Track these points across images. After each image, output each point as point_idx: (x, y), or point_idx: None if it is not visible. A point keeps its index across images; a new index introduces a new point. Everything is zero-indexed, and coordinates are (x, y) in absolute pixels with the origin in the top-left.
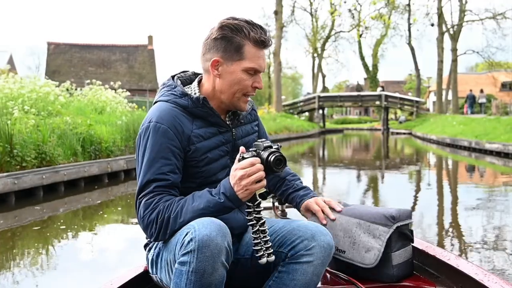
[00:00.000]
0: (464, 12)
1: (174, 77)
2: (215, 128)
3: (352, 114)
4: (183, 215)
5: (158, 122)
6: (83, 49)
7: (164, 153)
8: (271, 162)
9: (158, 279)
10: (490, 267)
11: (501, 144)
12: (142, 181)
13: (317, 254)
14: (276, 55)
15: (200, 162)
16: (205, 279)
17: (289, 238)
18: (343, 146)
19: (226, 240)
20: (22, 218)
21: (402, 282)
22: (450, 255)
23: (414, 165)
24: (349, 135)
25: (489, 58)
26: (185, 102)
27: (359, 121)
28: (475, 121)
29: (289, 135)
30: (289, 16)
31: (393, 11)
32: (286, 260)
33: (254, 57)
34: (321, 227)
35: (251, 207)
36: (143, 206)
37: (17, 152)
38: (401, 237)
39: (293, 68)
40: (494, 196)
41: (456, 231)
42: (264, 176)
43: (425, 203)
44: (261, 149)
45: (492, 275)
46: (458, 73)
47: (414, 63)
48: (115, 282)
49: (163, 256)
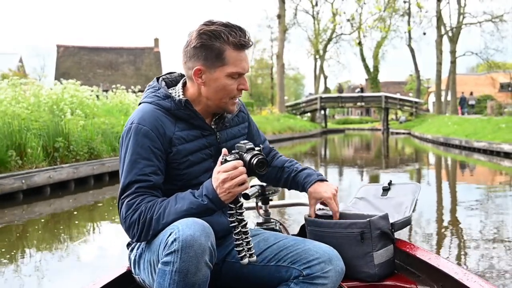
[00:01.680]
0: (463, 14)
1: (159, 78)
2: (198, 131)
3: (354, 115)
4: (165, 217)
5: (140, 123)
6: (92, 52)
7: (146, 154)
8: (253, 164)
9: (140, 279)
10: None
11: (487, 142)
12: (124, 182)
13: (331, 278)
14: (279, 58)
15: (181, 165)
16: (188, 279)
17: (305, 257)
18: (344, 145)
19: (209, 240)
20: (83, 201)
21: (383, 281)
22: (430, 254)
23: (410, 161)
24: (350, 135)
25: (487, 59)
26: (168, 104)
27: (360, 121)
28: (468, 121)
29: (292, 134)
30: (291, 19)
31: (394, 14)
32: (301, 278)
33: (236, 61)
34: (336, 252)
35: (233, 208)
36: (125, 206)
37: (73, 148)
38: (383, 237)
39: (295, 69)
40: (476, 191)
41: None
42: (245, 179)
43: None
44: (243, 151)
45: (471, 274)
46: (458, 74)
47: (414, 65)
48: (98, 282)
49: (146, 257)
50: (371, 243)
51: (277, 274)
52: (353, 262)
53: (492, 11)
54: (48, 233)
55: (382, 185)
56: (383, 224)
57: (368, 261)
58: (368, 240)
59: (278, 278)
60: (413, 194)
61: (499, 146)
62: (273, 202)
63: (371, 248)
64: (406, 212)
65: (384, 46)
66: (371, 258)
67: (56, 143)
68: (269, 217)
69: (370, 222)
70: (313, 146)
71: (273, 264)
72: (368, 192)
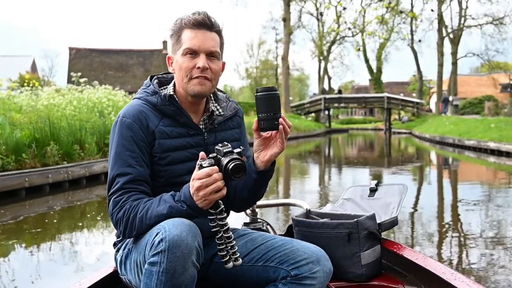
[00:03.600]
0: (464, 17)
1: (153, 77)
2: (184, 129)
3: (358, 115)
4: (148, 218)
5: (125, 116)
6: (103, 54)
7: (130, 146)
8: (229, 170)
9: (127, 280)
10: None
11: (476, 140)
12: (110, 174)
13: (319, 279)
14: (284, 60)
15: (161, 160)
16: (175, 279)
17: (293, 257)
18: (346, 144)
19: (196, 240)
20: None
21: (371, 281)
22: (418, 254)
23: (409, 158)
24: (353, 135)
25: (488, 60)
26: (155, 99)
27: (364, 121)
28: (464, 121)
29: (298, 134)
30: (296, 22)
31: (396, 16)
32: (289, 278)
33: (189, 38)
34: (324, 252)
35: (213, 214)
36: (112, 203)
37: None
38: (370, 237)
39: (300, 70)
40: (466, 185)
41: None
42: (223, 185)
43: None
44: (221, 155)
45: (459, 274)
46: (460, 75)
47: (417, 66)
48: (84, 283)
49: (133, 257)
50: (358, 243)
51: (264, 275)
52: (341, 262)
53: (493, 13)
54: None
55: (369, 186)
56: (370, 224)
57: (356, 261)
58: (356, 241)
59: (266, 279)
60: (400, 194)
61: (486, 144)
62: (260, 202)
63: (358, 249)
64: (393, 213)
65: (387, 48)
66: (358, 258)
67: (106, 140)
68: (256, 217)
69: (357, 222)
70: (317, 145)
71: (260, 264)
72: (355, 193)
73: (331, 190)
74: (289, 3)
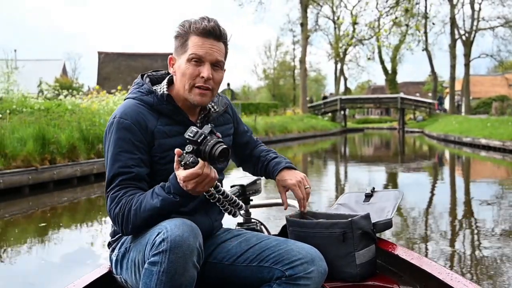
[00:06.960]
0: (477, 19)
1: (144, 75)
2: (181, 127)
3: (374, 114)
4: (142, 211)
5: (122, 117)
6: (129, 58)
7: (128, 147)
8: (215, 155)
9: (122, 279)
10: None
11: (471, 138)
12: (108, 175)
13: (314, 279)
14: (302, 62)
15: (162, 159)
16: (176, 280)
17: (288, 258)
18: (360, 142)
19: (198, 241)
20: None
21: (365, 281)
22: (413, 254)
23: (415, 153)
24: (368, 134)
25: (501, 61)
26: (151, 99)
27: (379, 120)
28: (468, 121)
29: (315, 133)
30: (313, 25)
31: (411, 18)
32: (283, 279)
33: (195, 45)
34: (319, 252)
35: (210, 190)
36: (109, 200)
37: None
38: (364, 237)
39: (316, 71)
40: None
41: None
42: (215, 174)
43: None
44: (198, 142)
45: (455, 274)
46: (475, 75)
47: (431, 67)
48: (78, 283)
49: (130, 256)
50: (353, 243)
51: (259, 275)
52: (335, 262)
53: (506, 15)
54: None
55: (365, 192)
56: (365, 224)
57: (350, 261)
58: (350, 240)
59: (260, 279)
60: (395, 199)
61: (478, 140)
62: (254, 202)
63: (353, 248)
64: (388, 216)
65: (401, 50)
66: (353, 258)
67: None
68: (250, 217)
69: (351, 222)
70: (333, 144)
71: (255, 264)
72: (350, 198)
73: (344, 187)
74: (306, 8)
